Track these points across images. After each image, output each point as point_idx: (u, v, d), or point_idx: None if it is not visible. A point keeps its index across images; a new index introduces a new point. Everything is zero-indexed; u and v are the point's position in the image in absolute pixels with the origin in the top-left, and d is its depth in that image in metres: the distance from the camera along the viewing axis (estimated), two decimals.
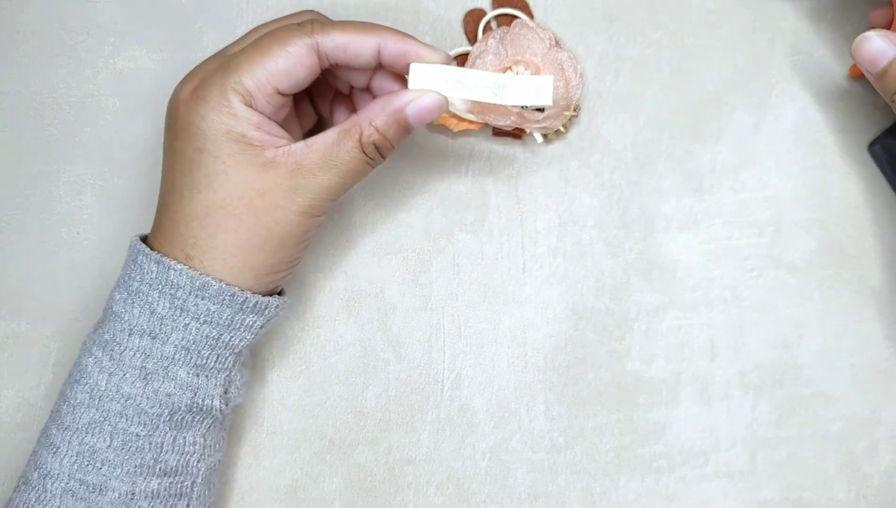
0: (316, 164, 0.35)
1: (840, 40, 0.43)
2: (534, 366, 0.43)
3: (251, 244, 0.35)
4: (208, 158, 0.34)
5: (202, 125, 0.34)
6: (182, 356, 0.35)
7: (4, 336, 0.44)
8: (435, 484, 0.43)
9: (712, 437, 0.43)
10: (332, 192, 0.36)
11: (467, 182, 0.44)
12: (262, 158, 0.34)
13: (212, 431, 0.37)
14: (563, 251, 0.44)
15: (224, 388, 0.37)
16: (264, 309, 0.36)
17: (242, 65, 0.34)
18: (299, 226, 0.36)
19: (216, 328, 0.35)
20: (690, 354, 0.43)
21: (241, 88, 0.34)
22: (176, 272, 0.34)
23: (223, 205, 0.34)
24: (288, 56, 0.34)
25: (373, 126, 0.35)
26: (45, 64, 0.44)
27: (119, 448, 0.35)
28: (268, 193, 0.34)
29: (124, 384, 0.35)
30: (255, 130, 0.35)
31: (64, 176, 0.44)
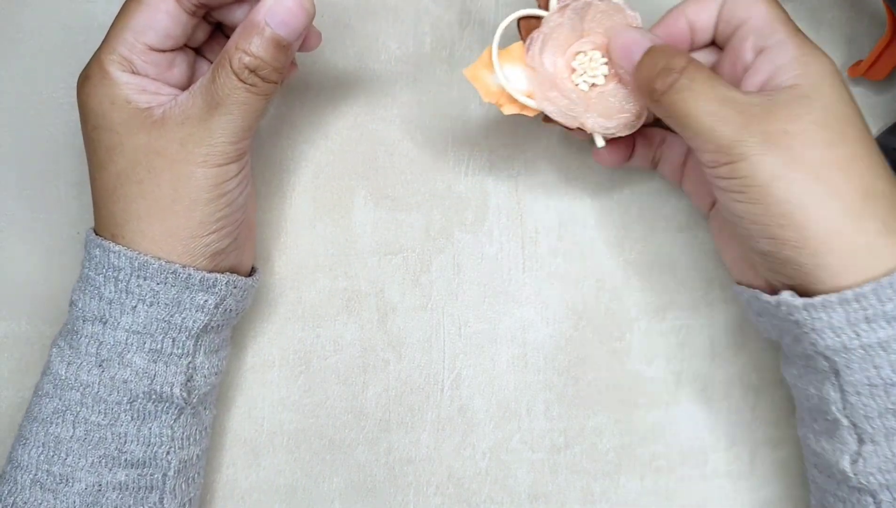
0: (201, 108, 0.33)
1: (840, 40, 0.43)
2: (534, 366, 0.43)
3: (161, 207, 0.34)
4: (103, 134, 0.34)
5: (90, 103, 0.34)
6: (135, 342, 0.35)
7: (4, 336, 0.43)
8: (435, 484, 0.43)
9: (712, 437, 0.43)
10: (226, 133, 0.33)
11: (467, 182, 0.44)
12: (151, 119, 0.34)
13: (181, 422, 0.37)
14: (563, 251, 0.44)
15: (186, 376, 0.36)
16: (213, 286, 0.35)
17: (111, 34, 0.35)
18: (204, 179, 0.34)
19: (164, 309, 0.35)
20: (690, 354, 0.43)
21: (115, 57, 0.34)
22: (115, 254, 0.34)
23: (126, 175, 0.34)
24: (145, 8, 0.34)
25: (240, 49, 0.33)
26: (45, 64, 0.44)
27: (82, 438, 0.35)
28: (163, 151, 0.33)
29: (82, 372, 0.35)
30: (139, 94, 0.34)
31: (64, 176, 0.44)
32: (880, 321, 0.30)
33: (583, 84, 0.36)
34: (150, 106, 0.34)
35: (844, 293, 0.30)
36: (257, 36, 0.33)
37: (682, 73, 0.32)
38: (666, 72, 0.32)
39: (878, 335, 0.30)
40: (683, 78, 0.32)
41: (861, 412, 0.31)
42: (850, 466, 0.32)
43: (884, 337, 0.30)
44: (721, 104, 0.31)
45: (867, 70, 0.41)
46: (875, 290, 0.30)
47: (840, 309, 0.30)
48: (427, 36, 0.44)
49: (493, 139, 0.44)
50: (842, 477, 0.33)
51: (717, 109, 0.31)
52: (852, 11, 0.43)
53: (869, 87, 0.43)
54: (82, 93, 0.35)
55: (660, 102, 0.33)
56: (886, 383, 0.30)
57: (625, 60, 0.35)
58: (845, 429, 0.32)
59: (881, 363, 0.30)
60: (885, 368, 0.30)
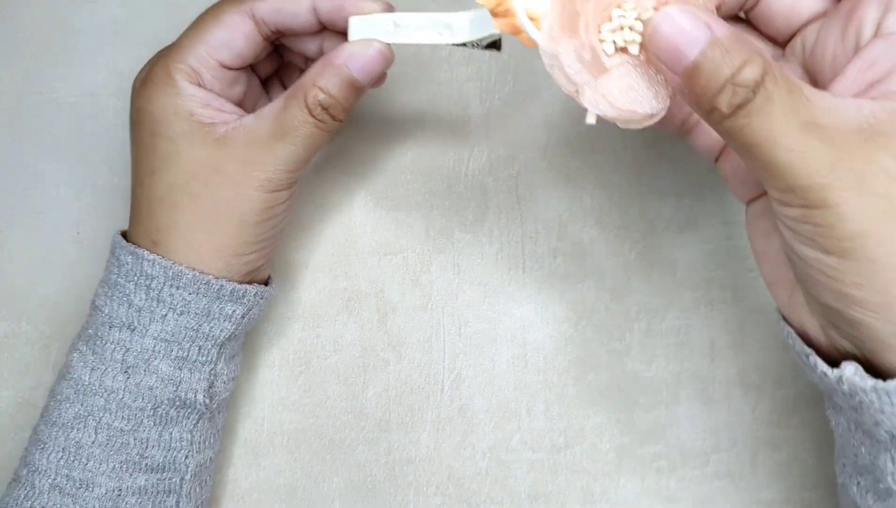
0: (267, 134, 0.34)
1: None
2: (534, 366, 0.43)
3: (211, 224, 0.34)
4: (161, 141, 0.34)
5: (150, 108, 0.34)
6: (162, 349, 0.35)
7: (4, 336, 0.44)
8: (435, 484, 0.43)
9: (712, 437, 0.43)
10: (287, 162, 0.34)
11: (467, 182, 0.44)
12: (214, 136, 0.34)
13: (200, 427, 0.37)
14: (563, 251, 0.44)
15: (209, 382, 0.36)
16: (242, 297, 0.36)
17: (183, 43, 0.35)
18: (259, 202, 0.35)
19: (194, 318, 0.35)
20: (690, 354, 0.43)
21: (184, 67, 0.34)
22: (149, 263, 0.34)
23: (180, 185, 0.34)
24: (223, 27, 0.35)
25: (316, 86, 0.33)
26: (45, 64, 0.44)
27: (104, 444, 0.35)
28: (222, 169, 0.34)
29: (106, 378, 0.35)
30: (204, 108, 0.35)
31: (64, 176, 0.44)
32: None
33: (609, 43, 0.27)
34: (213, 122, 0.34)
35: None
36: (336, 76, 0.33)
37: (757, 90, 0.24)
38: (733, 89, 0.24)
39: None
40: (758, 98, 0.24)
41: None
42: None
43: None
44: (805, 133, 0.24)
45: None
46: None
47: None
48: None
49: (493, 139, 0.44)
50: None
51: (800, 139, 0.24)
52: None
53: None
54: (142, 96, 0.35)
55: (721, 126, 0.25)
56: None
57: (671, 59, 0.25)
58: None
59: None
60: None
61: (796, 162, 0.24)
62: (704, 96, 0.25)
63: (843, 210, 0.24)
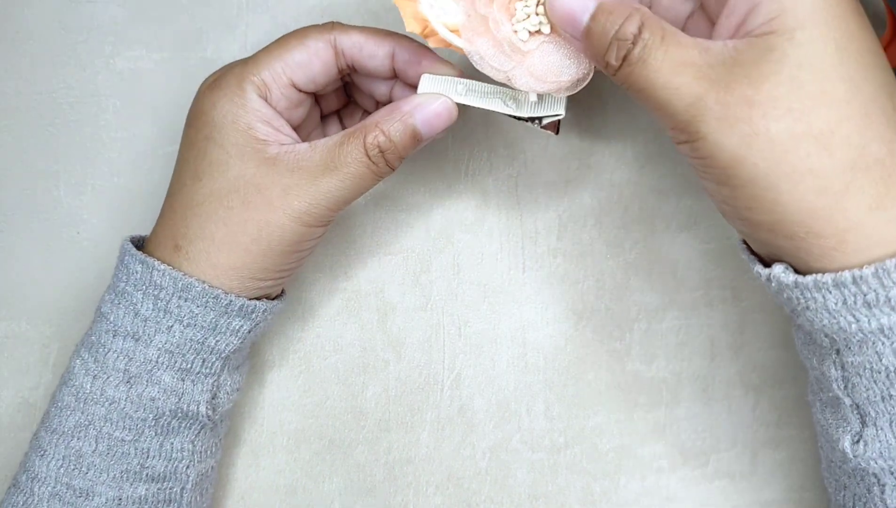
0: (317, 165, 0.33)
1: None
2: (534, 366, 0.43)
3: (238, 242, 0.34)
4: (214, 147, 0.34)
5: (212, 113, 0.34)
6: (166, 360, 0.35)
7: (4, 336, 0.44)
8: (435, 484, 0.43)
9: (712, 437, 0.43)
10: (330, 198, 0.34)
11: (467, 182, 0.44)
12: (264, 154, 0.34)
13: (201, 437, 0.37)
14: (563, 251, 0.44)
15: (212, 393, 0.36)
16: (251, 313, 0.36)
17: (261, 57, 0.35)
18: (291, 232, 0.34)
19: (200, 332, 0.35)
20: (690, 354, 0.43)
21: (256, 79, 0.34)
22: (159, 273, 0.34)
23: (219, 195, 0.34)
24: (305, 48, 0.35)
25: (378, 128, 0.33)
26: (45, 64, 0.44)
27: (104, 453, 0.34)
28: (264, 190, 0.33)
29: (108, 388, 0.34)
30: (264, 124, 0.34)
31: (64, 176, 0.44)
32: (883, 306, 0.26)
33: (522, 31, 0.32)
34: (268, 140, 0.34)
35: (842, 275, 0.26)
36: (400, 123, 0.33)
37: (636, 42, 0.27)
38: (617, 44, 0.28)
39: (881, 322, 0.27)
40: (637, 48, 0.27)
41: (863, 395, 0.29)
42: (850, 447, 0.29)
43: (887, 324, 0.26)
44: (677, 72, 0.27)
45: None
46: (877, 273, 0.26)
47: (836, 292, 0.27)
48: None
49: (493, 139, 0.44)
50: (843, 457, 0.30)
51: (673, 78, 0.27)
52: None
53: None
54: (207, 100, 0.35)
55: (616, 77, 0.29)
56: (889, 370, 0.27)
57: (569, 27, 0.30)
58: (847, 408, 0.29)
59: (883, 351, 0.27)
60: (889, 356, 0.27)
61: (673, 99, 0.27)
62: (599, 54, 0.29)
63: (714, 138, 0.26)
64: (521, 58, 0.31)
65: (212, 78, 0.36)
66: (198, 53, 0.44)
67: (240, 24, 0.44)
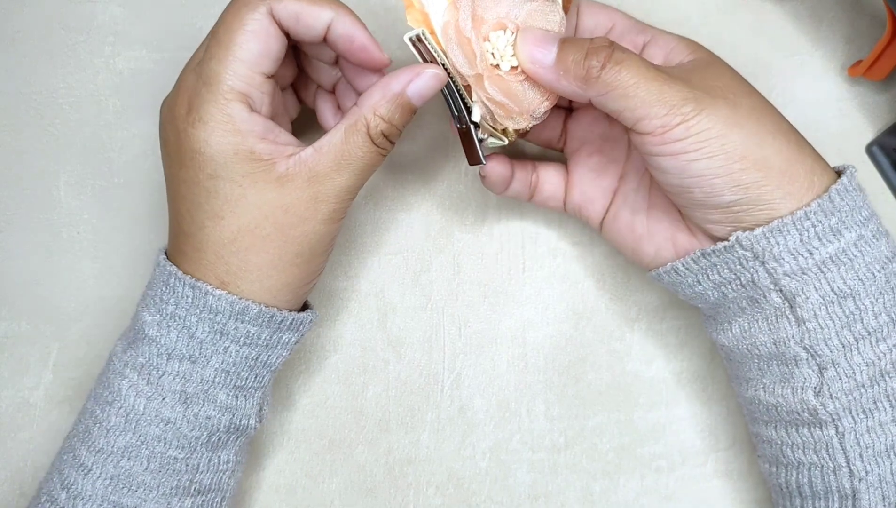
0: (330, 167, 0.34)
1: (840, 40, 0.43)
2: (534, 366, 0.43)
3: (284, 262, 0.34)
4: (224, 184, 0.33)
5: (208, 151, 0.33)
6: (222, 379, 0.35)
7: (4, 336, 0.43)
8: (435, 484, 0.43)
9: (712, 437, 0.43)
10: (351, 191, 0.35)
11: (467, 182, 0.44)
12: (275, 174, 0.33)
13: (244, 447, 0.38)
14: (563, 251, 0.44)
15: (259, 406, 0.37)
16: (300, 326, 0.36)
17: (219, 69, 0.32)
18: (325, 234, 0.35)
19: (255, 349, 0.35)
20: (690, 354, 0.43)
21: (232, 95, 0.33)
22: (215, 298, 0.34)
23: (250, 229, 0.33)
24: (254, 35, 0.33)
25: (378, 116, 0.34)
26: (45, 64, 0.44)
27: (156, 471, 0.34)
28: (291, 208, 0.34)
29: (164, 409, 0.34)
30: (261, 142, 0.33)
31: (64, 176, 0.44)
32: (829, 235, 0.32)
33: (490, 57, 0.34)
34: (272, 158, 0.33)
35: (796, 214, 0.32)
36: (396, 106, 0.34)
37: (611, 46, 0.32)
38: (596, 50, 0.32)
39: (829, 250, 0.32)
40: (616, 52, 0.32)
41: (820, 336, 0.32)
42: (815, 398, 0.33)
43: (833, 251, 0.32)
44: (658, 71, 0.32)
45: (867, 70, 0.41)
46: (820, 205, 0.31)
47: (794, 230, 0.32)
48: None
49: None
50: (805, 417, 0.33)
51: (657, 74, 0.32)
52: (852, 11, 0.43)
53: (869, 87, 0.43)
54: (196, 138, 0.33)
55: (599, 78, 0.32)
56: (839, 295, 0.32)
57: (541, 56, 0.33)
58: (804, 363, 0.33)
59: (833, 277, 0.32)
60: (837, 281, 0.32)
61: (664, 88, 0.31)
62: (578, 66, 0.32)
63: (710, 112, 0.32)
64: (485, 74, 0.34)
65: (182, 111, 0.33)
66: None
67: None
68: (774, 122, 0.34)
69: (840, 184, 0.32)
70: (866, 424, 0.32)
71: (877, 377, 0.32)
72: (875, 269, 0.32)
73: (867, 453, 0.32)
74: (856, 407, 0.32)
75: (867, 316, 0.32)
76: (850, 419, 0.32)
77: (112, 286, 0.43)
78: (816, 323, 0.32)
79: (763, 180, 0.32)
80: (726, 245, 0.34)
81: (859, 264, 0.32)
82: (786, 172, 0.32)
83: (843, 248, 0.32)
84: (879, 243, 0.33)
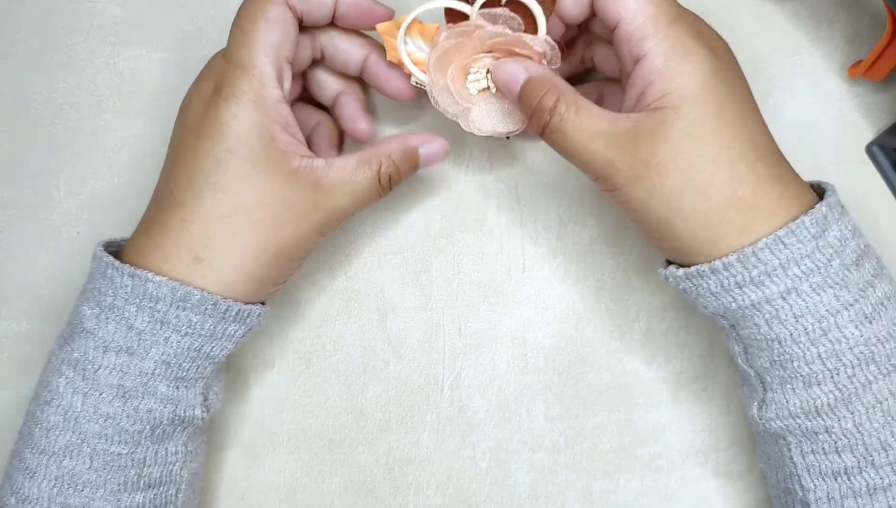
0: (335, 184, 0.35)
1: (840, 40, 0.43)
2: (534, 366, 0.43)
3: (265, 254, 0.35)
4: (237, 160, 0.34)
5: (234, 124, 0.34)
6: (162, 371, 0.34)
7: (4, 336, 0.44)
8: (435, 484, 0.43)
9: (711, 437, 0.43)
10: (343, 213, 0.36)
11: (467, 182, 0.44)
12: (287, 167, 0.34)
13: (193, 437, 0.37)
14: (563, 251, 0.44)
15: (203, 396, 0.36)
16: (246, 317, 0.36)
17: (251, 54, 0.34)
18: (309, 242, 0.36)
19: (198, 340, 0.35)
20: (690, 354, 0.43)
21: (266, 78, 0.34)
22: (154, 285, 0.33)
23: (246, 209, 0.34)
24: (274, 23, 0.35)
25: (391, 160, 0.37)
26: (45, 64, 0.44)
27: (101, 468, 0.34)
28: (291, 204, 0.35)
29: (102, 405, 0.34)
30: (284, 133, 0.35)
31: (64, 176, 0.44)
32: (750, 285, 0.32)
33: (473, 88, 0.38)
34: (287, 151, 0.35)
35: (714, 264, 0.33)
36: (408, 158, 0.38)
37: (553, 113, 0.33)
38: (540, 113, 0.34)
39: (751, 298, 0.33)
40: (554, 119, 0.33)
41: (759, 363, 0.34)
42: (757, 412, 0.35)
43: (755, 299, 0.33)
44: (591, 140, 0.33)
45: (867, 70, 0.41)
46: (739, 259, 0.32)
47: (713, 277, 0.33)
48: None
49: (493, 139, 0.44)
50: (754, 423, 0.36)
51: (588, 144, 0.33)
52: (852, 11, 0.43)
53: (869, 87, 0.43)
54: (226, 110, 0.34)
55: (543, 140, 0.35)
56: (766, 338, 0.33)
57: (507, 92, 0.36)
58: (752, 378, 0.35)
59: (759, 323, 0.33)
60: (763, 326, 0.33)
61: (591, 160, 0.33)
62: (530, 119, 0.35)
63: (625, 191, 0.33)
64: (467, 106, 0.38)
65: (209, 86, 0.35)
66: (198, 53, 0.44)
67: None
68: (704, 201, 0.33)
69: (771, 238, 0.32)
70: (810, 447, 0.34)
71: (812, 413, 0.33)
72: (807, 322, 0.32)
73: (813, 470, 0.34)
74: (795, 432, 0.34)
75: (797, 362, 0.33)
76: (792, 437, 0.34)
77: None
78: (754, 352, 0.34)
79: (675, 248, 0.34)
80: (661, 274, 0.36)
81: (786, 315, 0.32)
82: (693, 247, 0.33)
83: (767, 298, 0.32)
84: (821, 296, 0.32)
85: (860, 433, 0.32)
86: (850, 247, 0.33)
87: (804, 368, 0.33)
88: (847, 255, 0.32)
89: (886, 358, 0.32)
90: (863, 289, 0.32)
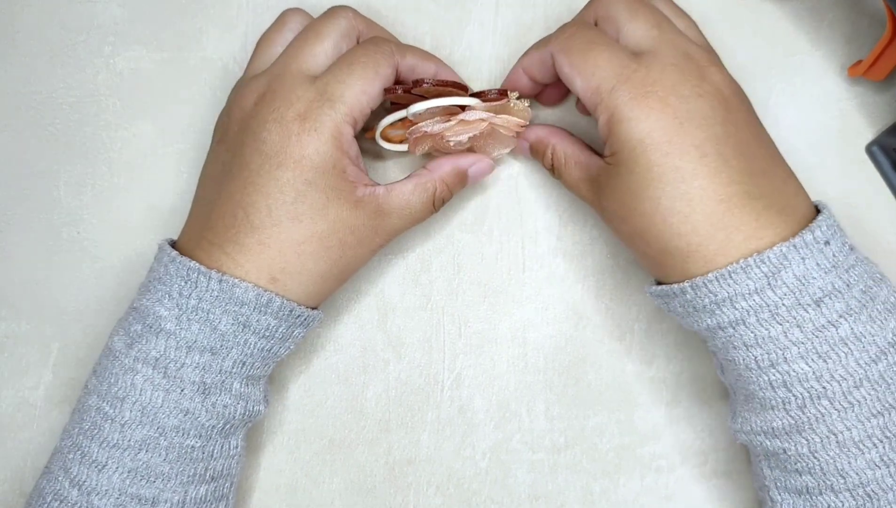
0: (394, 209, 0.38)
1: (840, 40, 0.43)
2: (534, 366, 0.43)
3: (332, 275, 0.37)
4: (313, 191, 0.36)
5: (315, 159, 0.36)
6: (238, 370, 0.36)
7: (4, 336, 0.44)
8: (435, 484, 0.43)
9: (711, 437, 0.43)
10: (397, 233, 0.39)
11: None
12: (353, 197, 0.37)
13: (246, 433, 0.39)
14: (563, 251, 0.44)
15: (264, 392, 0.39)
16: (311, 322, 0.38)
17: (345, 93, 0.36)
18: (366, 261, 0.39)
19: (271, 342, 0.37)
20: (690, 354, 0.43)
21: (349, 118, 0.36)
22: (241, 290, 0.35)
23: (320, 237, 0.36)
24: (381, 80, 0.37)
25: (445, 184, 0.40)
26: (45, 64, 0.44)
27: (174, 461, 0.36)
28: (356, 230, 0.37)
29: (183, 400, 0.35)
30: (352, 166, 0.37)
31: (64, 176, 0.44)
32: (702, 313, 0.34)
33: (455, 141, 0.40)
34: (354, 182, 0.37)
35: (672, 287, 0.35)
36: (460, 179, 0.41)
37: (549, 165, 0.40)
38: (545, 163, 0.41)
39: (707, 323, 0.35)
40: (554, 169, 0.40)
41: (729, 378, 0.37)
42: (731, 422, 0.37)
43: (711, 324, 0.34)
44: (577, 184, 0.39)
45: (867, 70, 0.41)
46: (693, 286, 0.34)
47: (675, 300, 0.35)
48: (427, 36, 0.44)
49: None
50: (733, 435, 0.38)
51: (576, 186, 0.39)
52: (852, 11, 0.43)
53: (869, 87, 0.43)
54: (308, 144, 0.36)
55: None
56: (726, 359, 0.35)
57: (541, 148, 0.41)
58: (729, 389, 0.38)
59: (718, 345, 0.35)
60: (721, 349, 0.35)
61: (581, 195, 0.39)
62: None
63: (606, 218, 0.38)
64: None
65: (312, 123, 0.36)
66: (198, 53, 0.44)
67: (240, 24, 0.44)
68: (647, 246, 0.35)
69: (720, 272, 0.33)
70: (775, 462, 0.35)
71: (770, 433, 0.34)
72: (756, 352, 0.33)
73: (780, 484, 0.35)
74: (757, 448, 0.36)
75: (752, 386, 0.34)
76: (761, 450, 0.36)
77: (112, 286, 0.43)
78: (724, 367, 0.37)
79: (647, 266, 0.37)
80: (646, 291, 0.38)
81: (737, 342, 0.34)
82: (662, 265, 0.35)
83: (720, 325, 0.34)
84: (768, 331, 0.33)
85: (816, 459, 0.33)
86: (813, 286, 0.33)
87: (759, 392, 0.34)
88: (805, 295, 0.33)
89: (843, 396, 0.32)
90: (819, 329, 0.32)
